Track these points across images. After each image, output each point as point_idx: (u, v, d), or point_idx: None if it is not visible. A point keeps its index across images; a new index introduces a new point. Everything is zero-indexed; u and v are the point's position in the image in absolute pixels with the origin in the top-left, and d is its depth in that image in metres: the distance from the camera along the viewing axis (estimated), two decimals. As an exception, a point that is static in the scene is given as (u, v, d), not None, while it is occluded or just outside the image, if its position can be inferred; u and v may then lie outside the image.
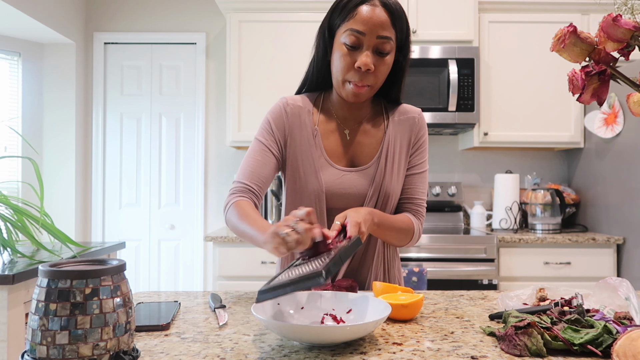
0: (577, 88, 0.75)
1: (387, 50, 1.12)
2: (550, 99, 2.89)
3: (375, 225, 1.09)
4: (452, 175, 3.25)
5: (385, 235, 1.16)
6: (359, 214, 1.02)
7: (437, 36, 2.83)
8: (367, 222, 1.02)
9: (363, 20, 1.09)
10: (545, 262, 2.57)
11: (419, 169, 1.25)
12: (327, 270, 0.74)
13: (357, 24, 1.09)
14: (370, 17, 1.09)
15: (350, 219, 0.98)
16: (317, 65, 1.22)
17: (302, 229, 0.84)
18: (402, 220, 1.18)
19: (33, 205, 1.82)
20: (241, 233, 1.08)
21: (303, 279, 0.74)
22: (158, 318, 0.91)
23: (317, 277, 0.73)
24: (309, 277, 0.74)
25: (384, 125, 1.24)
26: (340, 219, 1.00)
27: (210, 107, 3.33)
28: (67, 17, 3.12)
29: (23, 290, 1.56)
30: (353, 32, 1.10)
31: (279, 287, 0.75)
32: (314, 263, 0.82)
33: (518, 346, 0.73)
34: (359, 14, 1.10)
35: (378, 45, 1.10)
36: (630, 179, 2.48)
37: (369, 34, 1.09)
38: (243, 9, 2.88)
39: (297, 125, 1.21)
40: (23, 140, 3.08)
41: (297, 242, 0.83)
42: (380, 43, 1.10)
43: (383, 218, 1.12)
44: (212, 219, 3.33)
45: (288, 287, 0.75)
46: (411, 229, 1.20)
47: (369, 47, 1.10)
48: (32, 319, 0.63)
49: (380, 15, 1.09)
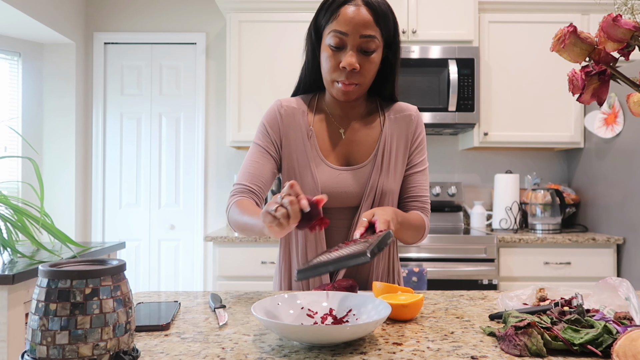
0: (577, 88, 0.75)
1: (372, 49, 1.13)
2: (550, 99, 2.89)
3: (399, 224, 1.10)
4: (452, 175, 3.25)
5: (404, 234, 1.17)
6: (386, 212, 1.03)
7: (437, 36, 2.83)
8: (394, 221, 1.04)
9: (345, 21, 1.10)
10: (545, 262, 2.57)
11: (420, 167, 1.26)
12: (372, 251, 0.76)
13: (340, 25, 1.11)
14: (352, 17, 1.10)
15: (379, 217, 1.00)
16: (309, 68, 1.24)
17: (287, 202, 0.85)
18: (416, 219, 1.20)
19: (33, 205, 1.82)
20: (243, 227, 1.09)
21: (347, 257, 0.76)
22: (158, 318, 0.91)
23: (361, 255, 0.74)
24: (353, 256, 0.75)
25: (379, 123, 1.25)
26: (367, 216, 1.02)
27: (210, 107, 3.34)
28: (67, 17, 3.13)
29: (23, 290, 1.56)
30: (336, 33, 1.11)
31: (321, 265, 0.77)
32: (352, 248, 0.84)
33: (518, 346, 0.73)
34: (341, 14, 1.11)
35: (362, 44, 1.11)
36: (630, 179, 2.48)
37: (352, 34, 1.10)
38: (243, 9, 2.88)
39: (291, 126, 1.23)
40: (23, 140, 3.08)
41: (285, 216, 0.85)
42: (364, 42, 1.11)
43: (404, 218, 1.13)
44: (212, 219, 3.33)
45: (330, 265, 0.76)
46: (423, 226, 1.22)
47: (353, 47, 1.11)
48: (32, 319, 0.63)
49: (362, 14, 1.10)
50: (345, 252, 0.81)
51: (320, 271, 0.77)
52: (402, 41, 2.81)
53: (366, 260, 0.74)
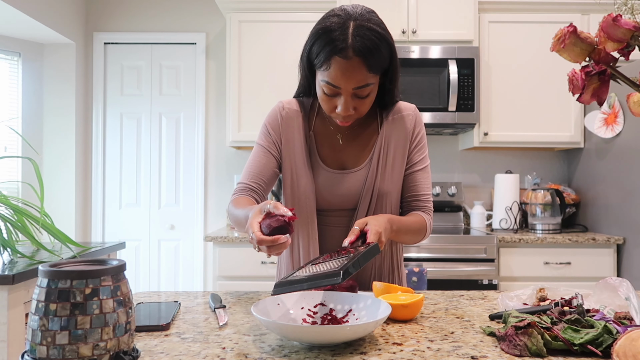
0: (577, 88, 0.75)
1: (367, 94, 1.10)
2: (550, 99, 2.89)
3: (394, 233, 1.11)
4: (452, 175, 3.25)
5: (402, 238, 1.18)
6: (379, 222, 1.03)
7: (437, 36, 2.83)
8: (387, 231, 1.05)
9: (337, 77, 1.05)
10: (545, 262, 2.57)
11: (420, 165, 1.26)
12: (345, 271, 0.75)
13: (332, 79, 1.06)
14: (343, 73, 1.05)
15: (371, 227, 1.01)
16: (305, 84, 1.23)
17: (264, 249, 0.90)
18: (415, 221, 1.20)
19: (33, 206, 1.82)
20: (237, 222, 1.13)
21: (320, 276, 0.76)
22: (158, 318, 0.91)
23: (335, 276, 0.75)
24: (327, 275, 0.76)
25: (377, 126, 1.25)
26: (360, 224, 1.03)
27: (210, 107, 3.33)
28: (67, 17, 3.13)
29: (23, 291, 1.56)
30: (328, 85, 1.08)
31: (296, 282, 0.77)
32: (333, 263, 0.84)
33: (518, 346, 0.73)
34: (332, 68, 1.05)
35: (357, 92, 1.09)
36: (630, 179, 2.48)
37: (345, 87, 1.07)
38: (243, 9, 2.88)
39: (291, 128, 1.24)
40: (23, 140, 3.08)
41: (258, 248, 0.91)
42: (359, 91, 1.08)
43: (400, 224, 1.13)
44: (212, 219, 3.33)
45: (305, 283, 0.76)
46: (424, 227, 1.22)
47: (348, 95, 1.09)
48: (32, 319, 0.63)
49: (354, 68, 1.04)
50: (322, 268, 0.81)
51: (295, 288, 0.78)
52: (402, 41, 2.81)
53: (337, 282, 0.74)
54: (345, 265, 0.77)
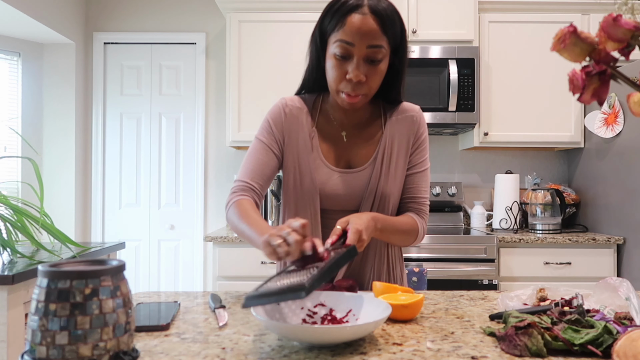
0: (577, 88, 0.75)
1: (379, 58, 1.10)
2: (550, 99, 2.89)
3: (378, 231, 1.09)
4: (452, 176, 3.25)
5: (389, 238, 1.16)
6: (361, 220, 1.01)
7: (437, 36, 2.83)
8: (369, 229, 1.02)
9: (352, 31, 1.07)
10: (545, 262, 2.56)
11: (420, 168, 1.25)
12: (310, 285, 0.74)
13: (346, 35, 1.07)
14: (359, 27, 1.06)
15: (351, 226, 0.98)
16: (313, 71, 1.22)
17: (293, 241, 0.85)
18: (405, 222, 1.18)
19: (33, 206, 1.82)
20: (240, 233, 1.10)
21: (285, 291, 0.74)
22: (158, 318, 0.91)
23: (299, 291, 0.73)
24: (291, 290, 0.74)
25: (381, 125, 1.24)
26: (342, 223, 1.00)
27: (210, 107, 3.33)
28: (67, 17, 3.12)
29: (23, 291, 1.56)
30: (342, 43, 1.08)
31: (265, 295, 0.76)
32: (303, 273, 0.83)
33: (518, 346, 0.73)
34: (347, 24, 1.07)
35: (369, 54, 1.08)
36: (630, 179, 2.48)
37: (359, 44, 1.07)
38: (243, 9, 2.88)
39: (294, 126, 1.22)
40: (23, 141, 3.08)
41: (286, 253, 0.85)
42: (371, 52, 1.08)
43: (386, 223, 1.12)
44: (212, 219, 3.33)
45: (273, 297, 0.75)
46: (415, 230, 1.20)
47: (360, 57, 1.08)
48: (32, 320, 0.63)
49: (369, 24, 1.06)
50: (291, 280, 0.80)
51: (264, 302, 0.76)
52: (402, 41, 2.81)
53: (301, 297, 0.72)
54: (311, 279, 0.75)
